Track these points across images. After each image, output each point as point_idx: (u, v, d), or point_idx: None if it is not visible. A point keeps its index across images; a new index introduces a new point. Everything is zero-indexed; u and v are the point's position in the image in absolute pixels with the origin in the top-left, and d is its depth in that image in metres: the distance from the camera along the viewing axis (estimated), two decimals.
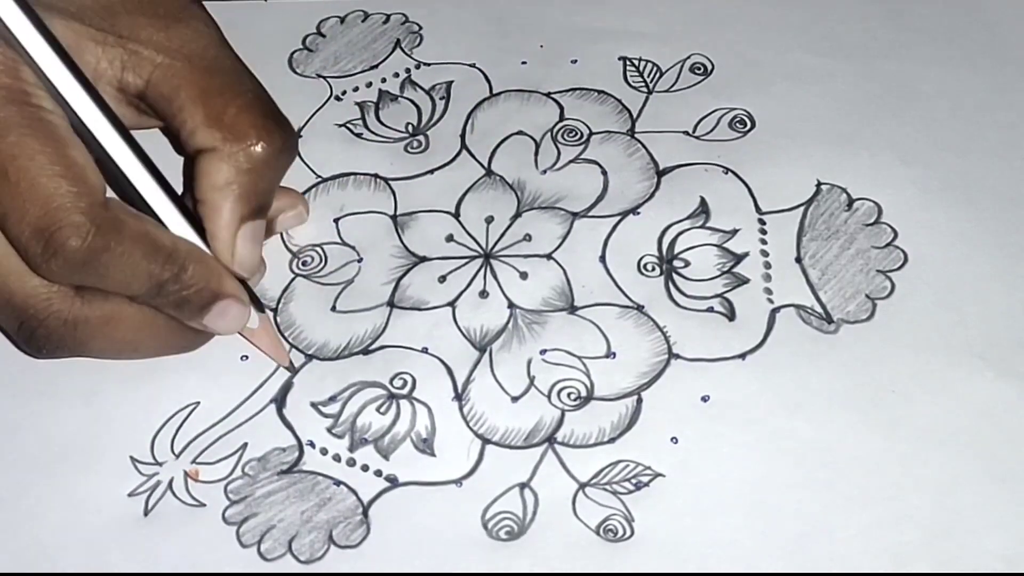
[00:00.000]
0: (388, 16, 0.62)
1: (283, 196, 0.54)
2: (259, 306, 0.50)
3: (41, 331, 0.47)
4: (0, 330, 0.50)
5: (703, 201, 0.54)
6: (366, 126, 0.58)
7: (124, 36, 0.48)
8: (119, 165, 0.47)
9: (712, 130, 0.56)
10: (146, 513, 0.47)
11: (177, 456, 0.48)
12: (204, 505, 0.47)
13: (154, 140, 0.52)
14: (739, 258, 0.52)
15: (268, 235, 0.53)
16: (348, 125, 0.58)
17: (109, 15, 0.49)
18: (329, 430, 0.48)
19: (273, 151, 0.48)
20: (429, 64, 0.60)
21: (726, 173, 0.55)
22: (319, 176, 0.56)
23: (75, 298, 0.46)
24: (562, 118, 0.57)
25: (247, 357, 0.51)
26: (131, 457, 0.48)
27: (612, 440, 0.48)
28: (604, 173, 0.55)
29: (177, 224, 0.48)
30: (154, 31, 0.49)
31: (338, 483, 0.47)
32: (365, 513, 0.46)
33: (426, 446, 0.48)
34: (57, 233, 0.43)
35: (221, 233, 0.48)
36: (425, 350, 0.50)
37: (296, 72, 0.60)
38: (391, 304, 0.52)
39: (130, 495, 0.47)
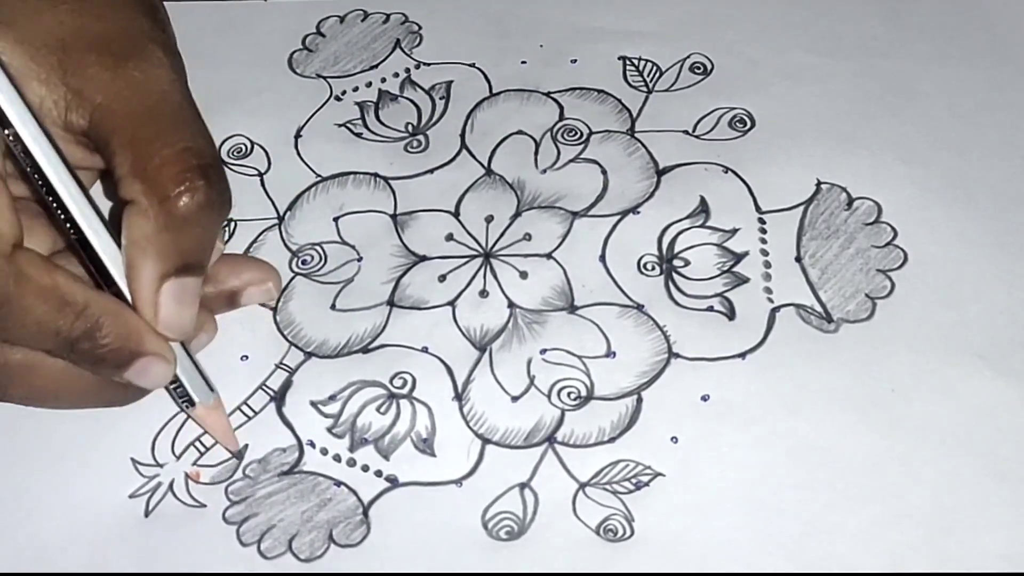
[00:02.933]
0: (388, 16, 0.62)
1: (254, 268, 0.52)
2: (209, 384, 0.48)
3: None
4: None
5: (703, 200, 0.54)
6: (366, 126, 0.58)
7: (69, 73, 0.46)
8: (63, 208, 0.44)
9: (712, 129, 0.56)
10: (147, 514, 0.47)
11: (178, 457, 0.48)
12: (205, 506, 0.47)
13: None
14: (739, 257, 0.52)
15: (231, 307, 0.52)
16: (348, 125, 0.58)
17: (61, 49, 0.46)
18: (329, 430, 0.48)
19: (196, 208, 0.44)
20: (429, 64, 0.60)
21: (726, 172, 0.55)
22: (319, 175, 0.56)
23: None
24: (562, 118, 0.57)
25: (247, 357, 0.51)
26: (132, 459, 0.48)
27: (612, 440, 0.48)
28: (604, 172, 0.55)
29: (118, 274, 0.45)
30: (100, 69, 0.46)
31: (338, 483, 0.47)
32: (365, 513, 0.46)
33: (426, 446, 0.48)
34: None
35: (141, 291, 0.45)
36: (425, 349, 0.50)
37: (296, 72, 0.60)
38: (391, 303, 0.52)
39: (131, 496, 0.47)
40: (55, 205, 0.44)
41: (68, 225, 0.44)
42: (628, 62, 0.59)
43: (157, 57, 0.47)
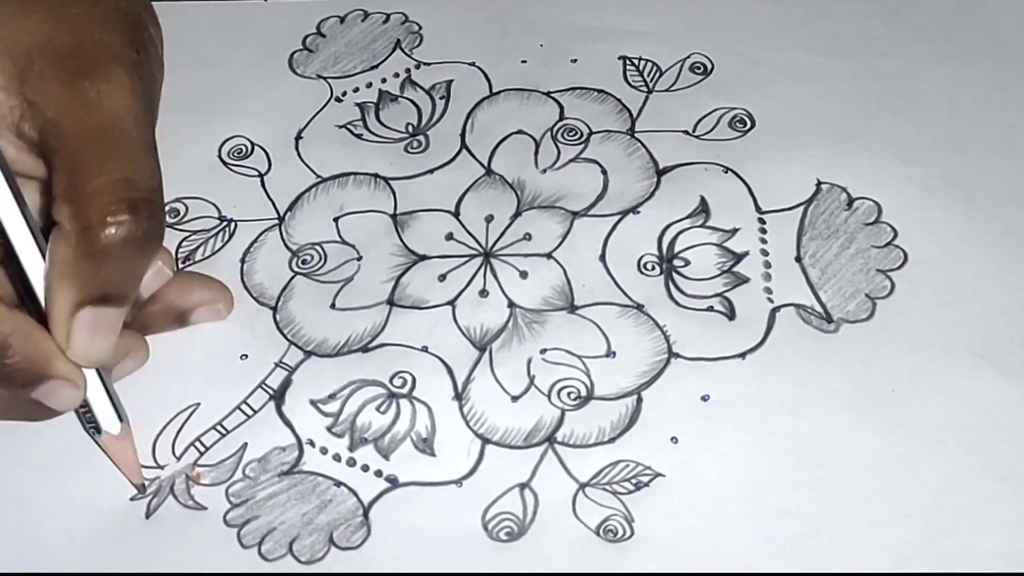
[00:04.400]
0: (388, 16, 0.62)
1: (204, 288, 0.52)
2: (119, 413, 0.47)
3: None
4: None
5: (703, 200, 0.54)
6: (366, 127, 0.58)
7: (27, 84, 0.45)
8: None
9: (712, 129, 0.56)
10: (148, 516, 0.47)
11: (178, 458, 0.48)
12: (205, 508, 0.47)
13: None
14: (739, 257, 0.52)
15: (180, 326, 0.51)
16: (348, 126, 0.58)
17: (24, 58, 0.45)
18: (329, 429, 0.48)
19: (116, 241, 0.43)
20: (429, 64, 0.60)
21: (726, 172, 0.55)
22: (319, 176, 0.56)
23: None
24: (562, 117, 0.57)
25: (246, 356, 0.51)
26: None
27: (612, 440, 0.48)
28: (604, 172, 0.55)
29: (41, 293, 0.45)
30: (57, 84, 0.44)
31: (338, 484, 0.47)
32: (366, 515, 0.46)
33: (426, 446, 0.48)
34: None
35: (55, 315, 0.44)
36: (425, 349, 0.50)
37: (296, 72, 0.60)
38: (391, 302, 0.52)
39: (132, 499, 0.47)
40: None
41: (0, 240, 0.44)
42: (628, 62, 0.59)
43: (119, 78, 0.45)
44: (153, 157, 0.45)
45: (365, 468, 0.47)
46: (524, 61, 0.60)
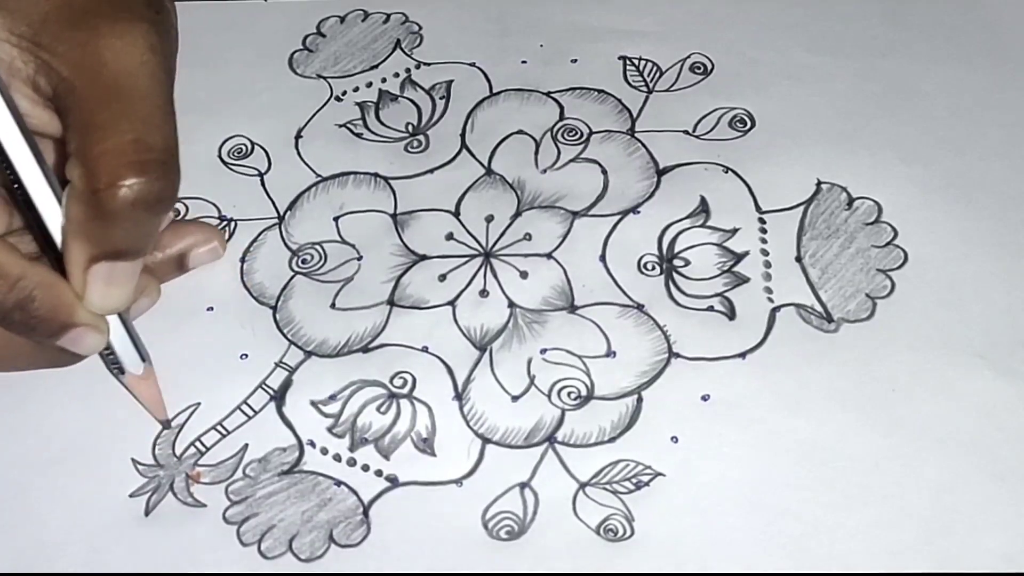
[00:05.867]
0: (388, 16, 0.62)
1: (194, 231, 0.53)
2: (141, 354, 0.48)
3: None
4: None
5: (703, 200, 0.54)
6: (366, 126, 0.58)
7: (43, 45, 0.44)
8: (14, 169, 0.44)
9: (712, 129, 0.56)
10: (147, 513, 0.47)
11: (179, 458, 0.48)
12: (205, 505, 0.47)
13: None
14: (739, 257, 0.52)
15: (181, 271, 0.53)
16: (348, 125, 0.58)
17: (41, 21, 0.45)
18: (329, 430, 0.48)
19: (126, 203, 0.43)
20: (429, 64, 0.60)
21: (726, 172, 0.55)
22: (319, 176, 0.56)
23: None
24: (562, 117, 0.57)
25: (246, 356, 0.51)
26: (132, 459, 0.48)
27: (612, 439, 0.48)
28: (604, 172, 0.55)
29: (58, 242, 0.45)
30: (74, 45, 0.44)
31: (338, 483, 0.47)
32: (365, 513, 0.46)
33: (426, 446, 0.48)
34: None
35: (72, 269, 0.45)
36: (425, 349, 0.50)
37: (296, 72, 0.60)
38: (391, 302, 0.52)
39: (131, 496, 0.47)
40: (9, 173, 0.44)
41: (20, 193, 0.45)
42: (628, 62, 0.59)
43: (136, 36, 0.45)
44: (168, 116, 0.45)
45: (365, 468, 0.47)
46: (524, 61, 0.60)
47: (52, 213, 0.45)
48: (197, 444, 0.49)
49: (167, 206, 0.45)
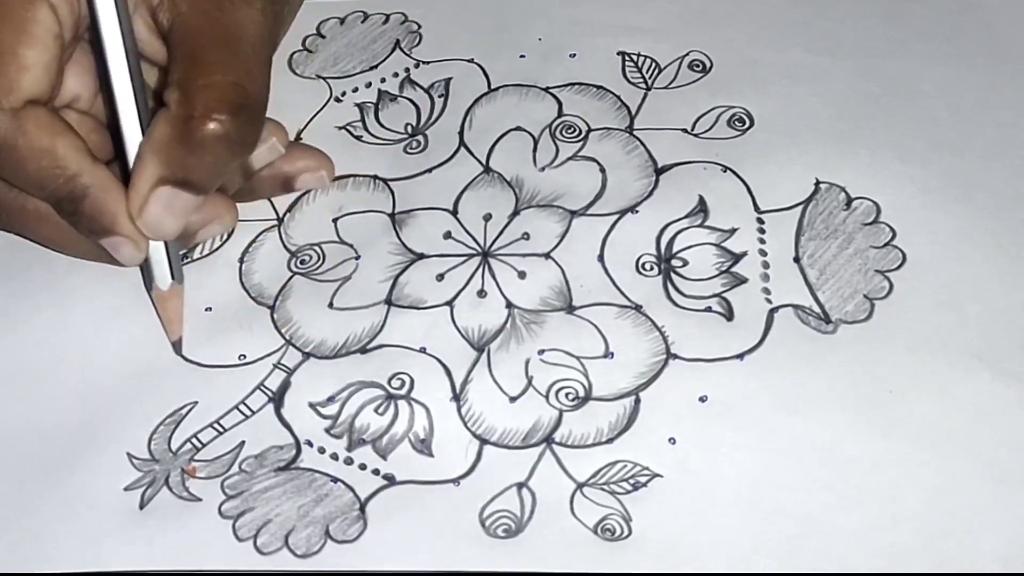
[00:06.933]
0: (388, 16, 0.62)
1: (307, 156, 0.55)
2: (174, 273, 0.51)
3: None
4: None
5: (701, 200, 0.54)
6: (366, 128, 0.58)
7: None
8: (110, 81, 0.48)
9: (711, 128, 0.56)
10: (142, 507, 0.47)
11: (174, 454, 0.48)
12: (200, 500, 0.47)
13: None
14: (737, 257, 0.52)
15: (285, 191, 0.55)
16: (348, 128, 0.58)
17: None
18: (327, 431, 0.48)
19: (213, 138, 0.47)
20: (428, 63, 0.60)
21: (724, 171, 0.55)
22: None
23: (14, 187, 0.49)
24: (560, 114, 0.57)
25: (244, 356, 0.51)
26: (128, 454, 0.48)
27: (610, 440, 0.47)
28: (602, 171, 0.55)
29: (132, 157, 0.49)
30: None
31: (335, 480, 0.47)
32: (362, 509, 0.46)
33: (424, 447, 0.48)
34: None
35: (137, 185, 0.48)
36: (423, 350, 0.50)
37: (296, 73, 0.60)
38: (389, 302, 0.52)
39: (126, 489, 0.47)
40: (102, 76, 0.48)
41: (110, 103, 0.48)
42: (627, 58, 0.59)
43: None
44: (265, 75, 0.49)
45: (363, 467, 0.47)
46: (523, 55, 0.60)
47: (133, 129, 0.48)
48: (193, 440, 0.49)
49: (246, 152, 0.49)
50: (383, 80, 0.59)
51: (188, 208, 0.49)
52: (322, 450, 0.48)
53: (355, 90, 0.59)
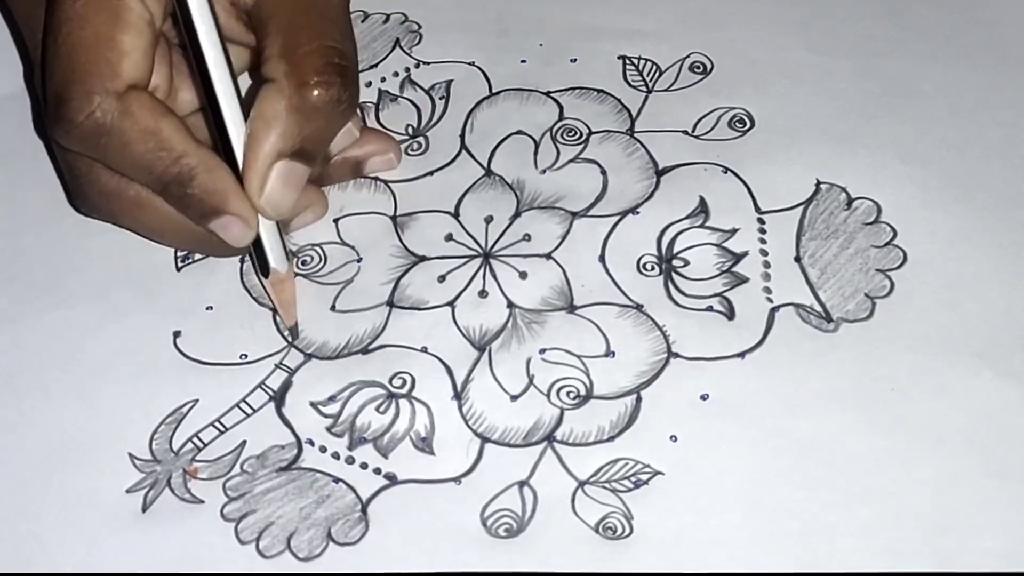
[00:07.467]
0: (388, 16, 0.62)
1: (375, 140, 0.56)
2: (286, 256, 0.51)
3: (79, 192, 0.51)
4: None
5: (702, 200, 0.54)
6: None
7: None
8: (202, 66, 0.48)
9: (711, 129, 0.56)
10: (144, 509, 0.47)
11: (176, 453, 0.48)
12: (202, 502, 0.47)
13: None
14: (738, 257, 0.52)
15: (355, 176, 0.56)
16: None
17: None
18: (328, 429, 0.48)
19: (327, 101, 0.48)
20: (428, 63, 0.60)
21: (725, 172, 0.55)
22: None
23: (115, 175, 0.50)
24: (561, 117, 0.57)
25: (246, 356, 0.51)
26: (129, 454, 0.48)
27: (611, 439, 0.47)
28: (603, 173, 0.55)
29: (235, 139, 0.49)
30: None
31: (337, 480, 0.47)
32: (364, 510, 0.46)
33: (425, 445, 0.48)
34: (65, 105, 0.47)
35: (255, 162, 0.49)
36: (424, 350, 0.50)
37: None
38: (390, 304, 0.52)
39: (128, 491, 0.47)
40: (196, 62, 0.48)
41: (203, 83, 0.49)
42: (628, 61, 0.59)
43: None
44: (352, 35, 0.50)
45: (364, 466, 0.47)
46: (524, 61, 0.60)
47: (232, 111, 0.49)
48: (194, 440, 0.48)
49: (352, 112, 0.50)
50: (383, 79, 0.59)
51: (302, 180, 0.50)
52: (323, 449, 0.48)
53: None
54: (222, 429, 0.49)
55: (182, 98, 0.52)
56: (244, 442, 0.48)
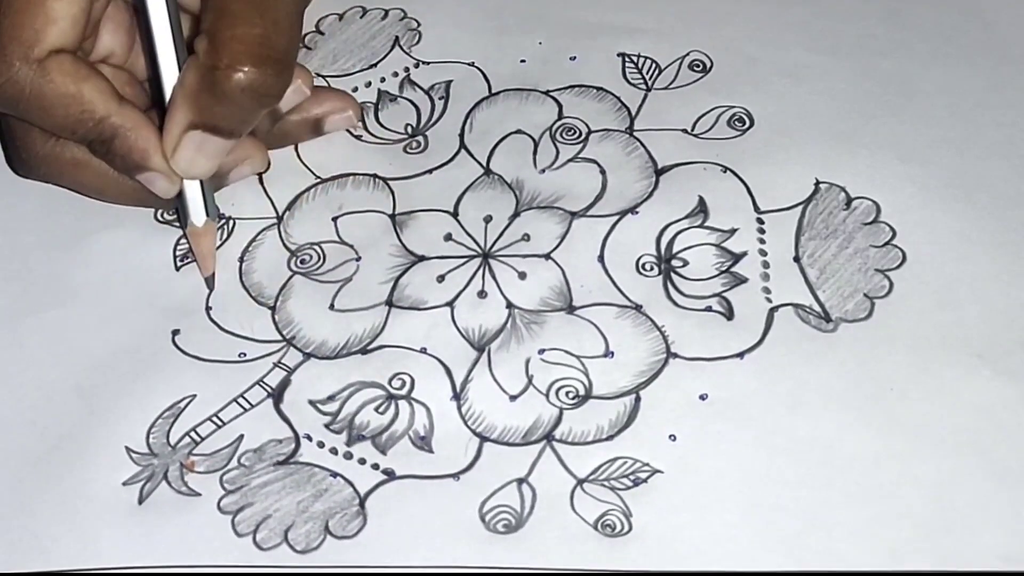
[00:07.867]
0: (386, 12, 0.62)
1: (332, 98, 0.57)
2: (208, 210, 0.53)
3: (17, 156, 0.53)
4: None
5: (701, 200, 0.54)
6: (366, 128, 0.58)
7: None
8: (150, 28, 0.50)
9: (711, 128, 0.56)
10: (140, 502, 0.47)
11: (173, 448, 0.48)
12: (199, 495, 0.47)
13: None
14: (737, 257, 0.52)
15: (316, 134, 0.57)
16: (348, 128, 0.58)
17: None
18: (327, 426, 0.48)
19: (236, 88, 0.48)
20: (428, 63, 0.60)
21: (724, 172, 0.55)
22: (318, 177, 0.56)
23: (51, 137, 0.52)
24: (561, 116, 0.57)
25: (244, 354, 0.51)
26: (126, 448, 0.48)
27: (610, 438, 0.47)
28: (603, 172, 0.55)
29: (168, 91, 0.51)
30: None
31: (335, 474, 0.47)
32: (362, 504, 0.46)
33: (424, 443, 0.48)
34: None
35: (171, 127, 0.50)
36: (424, 350, 0.50)
37: None
38: (389, 303, 0.52)
39: (124, 484, 0.47)
40: (146, 31, 0.50)
41: (149, 48, 0.51)
42: (627, 59, 0.59)
43: None
44: (295, 28, 0.50)
45: (362, 461, 0.47)
46: (523, 60, 0.60)
47: (170, 74, 0.50)
48: (192, 434, 0.48)
49: (271, 102, 0.50)
50: (383, 79, 0.59)
51: (220, 151, 0.51)
52: (321, 444, 0.48)
53: (355, 89, 0.59)
54: (220, 424, 0.49)
55: (141, 63, 0.54)
56: (242, 436, 0.48)
